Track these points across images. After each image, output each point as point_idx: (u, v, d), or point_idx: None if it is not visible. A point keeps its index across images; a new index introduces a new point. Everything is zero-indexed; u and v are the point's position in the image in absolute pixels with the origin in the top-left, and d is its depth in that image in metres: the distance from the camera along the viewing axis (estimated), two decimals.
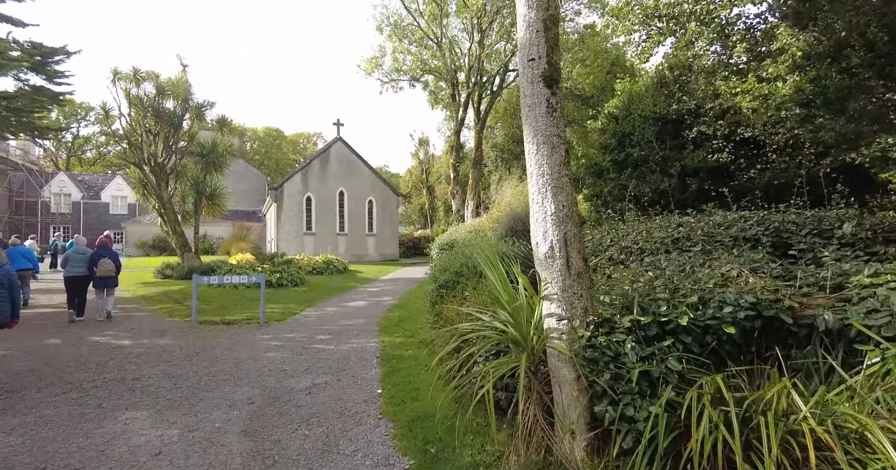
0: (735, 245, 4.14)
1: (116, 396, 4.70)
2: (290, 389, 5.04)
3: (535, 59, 2.77)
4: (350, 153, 26.99)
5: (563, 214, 2.60)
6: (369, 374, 5.58)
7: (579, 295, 2.66)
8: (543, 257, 2.72)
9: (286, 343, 7.08)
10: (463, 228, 16.32)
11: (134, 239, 31.44)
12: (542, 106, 2.69)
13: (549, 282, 2.68)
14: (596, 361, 2.51)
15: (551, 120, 2.65)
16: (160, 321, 8.74)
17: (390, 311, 10.13)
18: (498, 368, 2.74)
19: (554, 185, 2.65)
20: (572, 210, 2.64)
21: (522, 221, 8.53)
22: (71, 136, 52.87)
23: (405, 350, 6.56)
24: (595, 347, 2.54)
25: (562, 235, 2.61)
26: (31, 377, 5.25)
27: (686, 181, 8.88)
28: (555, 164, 2.62)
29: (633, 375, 2.28)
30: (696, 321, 2.57)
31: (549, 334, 2.69)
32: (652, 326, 2.59)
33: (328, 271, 18.15)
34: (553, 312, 2.68)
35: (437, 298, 6.97)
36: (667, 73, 9.53)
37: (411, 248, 32.22)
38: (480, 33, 21.29)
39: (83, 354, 6.27)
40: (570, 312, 2.61)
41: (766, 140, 7.71)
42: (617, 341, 2.53)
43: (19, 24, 15.26)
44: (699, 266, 3.48)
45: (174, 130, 16.42)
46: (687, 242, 4.42)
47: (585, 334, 2.58)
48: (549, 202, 2.65)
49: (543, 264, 2.73)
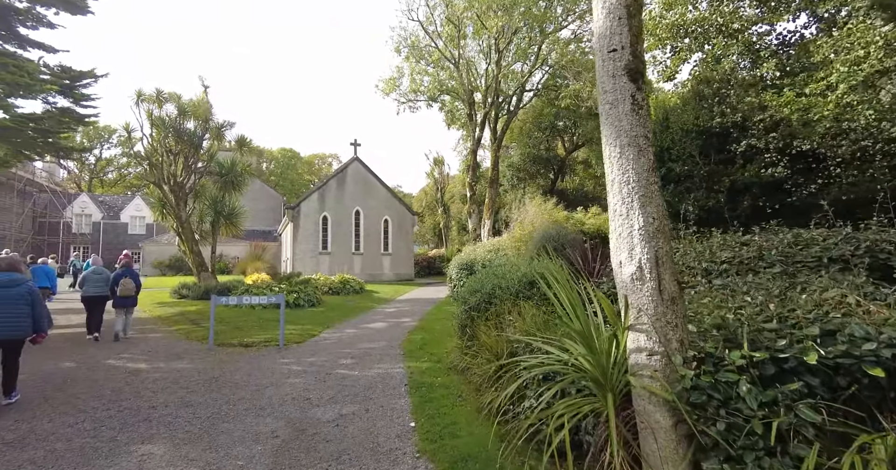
0: (819, 266, 3.71)
1: (132, 427, 4.36)
2: (315, 420, 4.64)
3: (616, 49, 2.46)
4: (367, 173, 27.06)
5: (653, 229, 2.25)
6: (399, 403, 5.17)
7: (674, 325, 2.27)
8: (629, 279, 2.35)
9: (308, 368, 6.71)
10: (481, 248, 15.94)
11: (151, 259, 31.64)
12: (626, 103, 2.38)
13: (637, 309, 2.29)
14: (703, 405, 2.09)
15: (637, 118, 2.32)
16: (177, 343, 8.45)
17: (412, 333, 9.73)
18: (572, 408, 2.33)
19: (642, 195, 2.30)
20: (663, 223, 2.28)
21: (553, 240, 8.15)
22: (94, 159, 54.36)
23: (434, 377, 6.14)
24: (701, 389, 2.13)
25: (652, 253, 2.24)
26: (43, 406, 4.94)
27: (736, 197, 8.39)
28: (642, 170, 2.27)
29: (754, 425, 1.86)
30: (825, 359, 2.13)
31: (638, 371, 2.29)
32: (768, 365, 2.16)
33: (344, 291, 17.83)
34: (642, 345, 2.28)
35: (466, 321, 6.56)
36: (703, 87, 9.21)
37: (426, 267, 31.84)
38: (498, 54, 21.42)
39: (98, 380, 5.97)
40: (663, 344, 2.22)
41: (826, 153, 7.24)
42: (726, 382, 2.12)
43: (51, 51, 15.73)
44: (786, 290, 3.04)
45: (194, 150, 16.56)
46: (760, 263, 3.99)
47: (688, 373, 2.17)
48: (636, 214, 2.29)
49: (629, 288, 2.35)
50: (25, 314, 4.90)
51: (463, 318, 6.69)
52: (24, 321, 4.90)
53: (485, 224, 23.08)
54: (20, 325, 4.88)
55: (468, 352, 5.97)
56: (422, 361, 7.11)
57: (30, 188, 34.80)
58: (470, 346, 6.04)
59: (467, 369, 5.93)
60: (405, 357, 7.48)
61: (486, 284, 6.55)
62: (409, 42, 23.85)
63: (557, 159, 29.66)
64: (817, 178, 7.67)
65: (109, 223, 38.86)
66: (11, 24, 14.42)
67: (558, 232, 8.39)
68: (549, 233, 8.45)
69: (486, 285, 6.58)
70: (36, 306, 4.98)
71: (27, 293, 4.95)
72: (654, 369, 2.26)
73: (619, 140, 2.36)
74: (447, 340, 8.54)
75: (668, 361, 2.22)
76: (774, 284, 3.26)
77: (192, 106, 16.58)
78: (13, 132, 14.58)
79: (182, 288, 15.27)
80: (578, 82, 19.34)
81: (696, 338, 2.43)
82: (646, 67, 2.44)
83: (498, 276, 6.70)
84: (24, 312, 4.89)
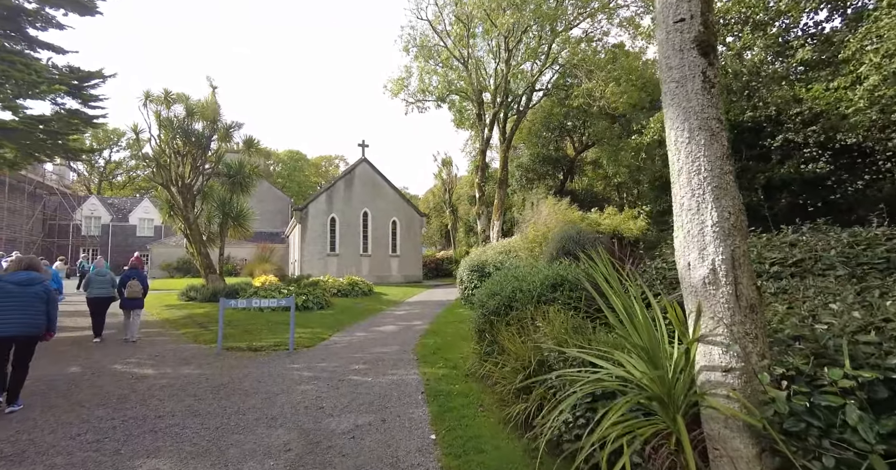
0: (889, 268, 3.37)
1: (136, 439, 4.12)
2: (330, 431, 4.37)
3: (684, 19, 2.15)
4: (375, 174, 26.86)
5: (728, 225, 1.95)
6: (417, 413, 4.89)
7: (753, 336, 1.96)
8: (700, 284, 2.04)
9: (319, 374, 6.45)
10: (491, 249, 15.64)
11: (159, 261, 31.65)
12: (696, 80, 2.08)
13: (709, 317, 1.99)
14: (800, 435, 1.78)
15: (709, 98, 2.02)
16: (185, 347, 8.24)
17: (424, 337, 9.46)
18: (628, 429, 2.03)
19: (715, 186, 2.00)
20: (740, 219, 1.98)
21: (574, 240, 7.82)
22: (103, 161, 54.77)
23: (452, 385, 5.86)
24: (796, 415, 1.81)
25: (728, 253, 1.94)
26: (46, 414, 4.72)
27: (774, 195, 7.95)
28: (715, 158, 1.98)
29: (873, 462, 1.55)
30: None
31: (710, 390, 1.98)
32: (879, 387, 1.82)
33: (353, 293, 17.61)
34: (716, 359, 1.97)
35: (485, 325, 6.28)
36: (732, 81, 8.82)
37: (434, 269, 31.58)
38: (507, 53, 21.14)
39: (103, 386, 5.75)
40: (743, 359, 1.91)
41: (874, 146, 6.82)
42: (828, 407, 1.80)
43: (60, 51, 15.66)
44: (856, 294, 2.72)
45: (202, 151, 16.44)
46: (817, 265, 3.66)
47: (780, 395, 1.85)
48: (708, 208, 2.00)
49: (700, 293, 2.04)
50: (42, 312, 5.07)
51: (481, 322, 6.41)
52: (40, 319, 5.05)
53: (494, 225, 22.77)
54: (36, 322, 5.00)
55: (488, 359, 5.68)
56: (437, 366, 6.84)
57: (40, 191, 35.03)
58: (490, 352, 5.74)
59: (487, 377, 5.64)
60: (419, 362, 7.21)
61: (506, 287, 6.26)
62: (418, 42, 23.65)
63: (567, 160, 29.31)
64: (864, 174, 7.27)
65: (118, 225, 39.01)
66: (21, 26, 14.36)
67: (579, 232, 8.08)
68: (569, 233, 8.14)
69: (505, 288, 6.29)
70: (51, 305, 5.17)
71: (44, 292, 5.12)
72: (732, 388, 1.94)
73: (687, 123, 2.05)
74: (462, 345, 8.26)
75: (750, 378, 1.91)
76: (845, 289, 2.93)
77: (201, 107, 16.46)
78: (22, 134, 14.50)
79: (190, 290, 15.11)
80: (591, 81, 19.00)
81: (776, 352, 2.12)
82: (717, 40, 2.13)
83: (518, 278, 6.40)
84: (41, 310, 5.06)
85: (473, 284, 13.33)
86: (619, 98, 18.13)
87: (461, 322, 11.01)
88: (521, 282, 6.14)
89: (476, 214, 25.71)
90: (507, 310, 5.93)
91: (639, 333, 2.15)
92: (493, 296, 6.36)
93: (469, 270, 14.56)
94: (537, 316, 5.17)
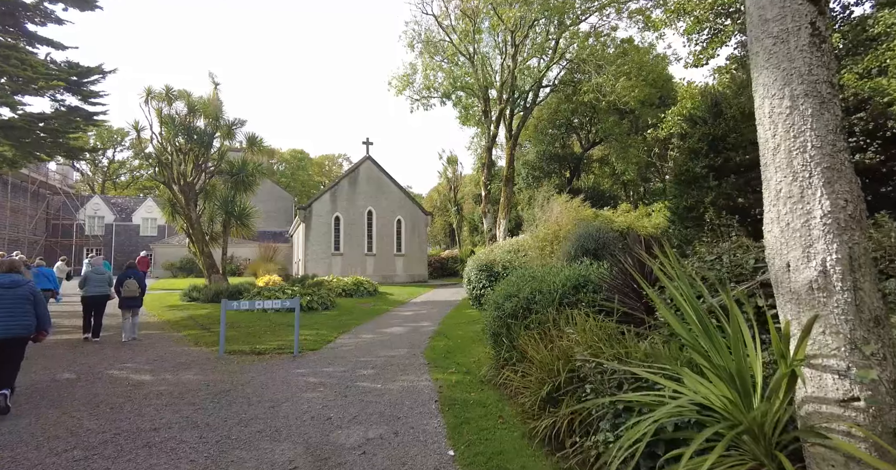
0: None
1: (128, 456, 3.77)
2: (338, 446, 4.01)
3: None
4: (379, 172, 26.49)
5: (845, 216, 1.56)
6: (431, 425, 4.52)
7: (880, 357, 1.57)
8: (805, 289, 1.65)
9: (325, 380, 6.10)
10: (499, 248, 15.24)
11: (162, 260, 31.43)
12: (802, 33, 1.67)
13: (820, 332, 1.60)
14: None
15: (818, 56, 1.62)
16: (185, 350, 7.91)
17: (433, 339, 9.10)
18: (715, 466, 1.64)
19: (827, 166, 1.62)
20: (859, 209, 1.59)
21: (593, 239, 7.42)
22: (107, 161, 54.71)
23: (467, 392, 5.49)
24: None
25: (845, 252, 1.55)
26: (33, 427, 4.38)
27: None
28: (826, 131, 1.58)
29: None
30: None
31: (820, 423, 1.59)
32: None
33: (358, 293, 17.28)
34: (830, 386, 1.57)
35: (501, 329, 5.88)
36: None
37: (439, 268, 31.19)
38: (514, 48, 20.71)
39: (98, 394, 5.41)
40: (869, 387, 1.53)
41: None
42: None
43: (59, 47, 15.37)
44: None
45: (204, 149, 16.14)
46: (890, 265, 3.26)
47: None
48: (817, 195, 1.60)
49: (805, 302, 1.66)
50: (29, 313, 5.09)
51: (496, 325, 6.02)
52: (28, 319, 5.07)
53: (500, 224, 22.37)
54: (24, 323, 5.02)
55: (506, 365, 5.30)
56: (449, 372, 6.47)
57: (43, 190, 34.88)
58: (509, 358, 5.36)
59: (505, 385, 5.26)
60: (430, 367, 6.84)
61: (523, 288, 5.88)
62: (423, 37, 23.23)
63: (573, 157, 28.86)
64: None
65: (122, 225, 38.85)
66: (20, 20, 14.09)
67: (598, 230, 7.67)
68: (588, 231, 7.73)
69: (522, 289, 5.91)
70: (39, 306, 5.21)
71: (30, 293, 5.14)
72: (856, 423, 1.56)
73: (787, 88, 1.65)
74: (473, 348, 7.90)
75: (880, 411, 1.51)
76: None
77: (203, 104, 16.18)
78: (22, 132, 14.22)
79: (192, 290, 14.82)
80: (601, 76, 18.55)
81: None
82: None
83: (536, 278, 6.01)
84: (28, 311, 5.08)
85: (482, 283, 12.94)
86: (630, 93, 17.69)
87: (470, 323, 10.64)
88: (539, 282, 5.76)
89: (482, 213, 25.30)
90: (526, 313, 5.55)
91: (716, 348, 1.74)
92: (509, 297, 5.98)
93: (477, 269, 14.17)
94: (560, 320, 4.79)
